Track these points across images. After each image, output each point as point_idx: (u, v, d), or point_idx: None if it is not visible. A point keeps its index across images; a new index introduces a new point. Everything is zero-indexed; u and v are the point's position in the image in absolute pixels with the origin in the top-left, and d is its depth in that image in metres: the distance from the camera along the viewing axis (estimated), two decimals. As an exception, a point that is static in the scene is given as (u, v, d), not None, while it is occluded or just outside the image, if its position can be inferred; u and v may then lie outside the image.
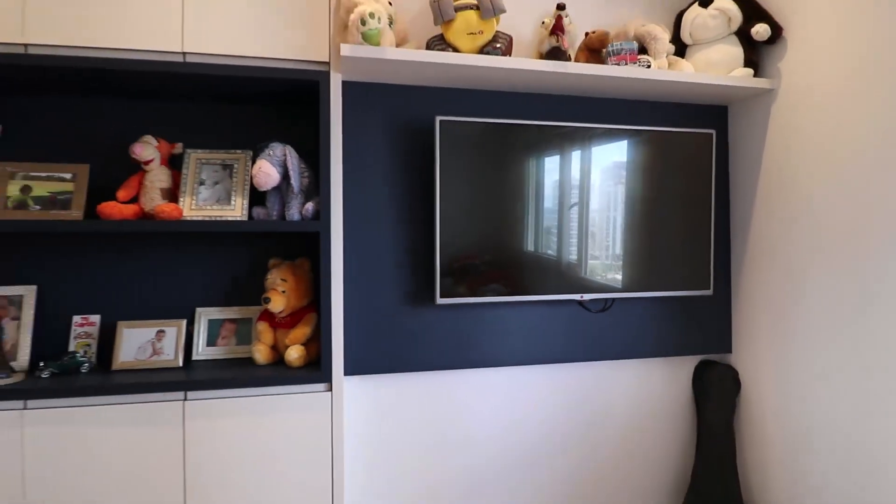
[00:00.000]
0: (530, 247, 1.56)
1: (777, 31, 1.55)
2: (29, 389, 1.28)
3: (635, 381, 1.76)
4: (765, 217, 1.65)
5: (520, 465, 1.66)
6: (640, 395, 1.76)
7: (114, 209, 1.36)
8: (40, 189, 1.40)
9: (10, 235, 1.47)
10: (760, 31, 1.54)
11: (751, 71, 1.58)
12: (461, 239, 1.51)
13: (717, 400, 1.71)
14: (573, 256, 1.59)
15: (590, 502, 1.72)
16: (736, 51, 1.58)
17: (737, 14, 1.56)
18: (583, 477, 1.71)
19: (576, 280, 1.58)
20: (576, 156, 1.58)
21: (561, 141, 1.56)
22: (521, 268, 1.55)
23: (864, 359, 1.33)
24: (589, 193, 1.60)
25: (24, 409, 1.28)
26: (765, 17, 1.57)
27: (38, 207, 1.39)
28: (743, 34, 1.58)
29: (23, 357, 1.42)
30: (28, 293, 1.47)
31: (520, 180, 1.55)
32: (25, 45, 1.29)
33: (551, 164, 1.57)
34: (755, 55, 1.60)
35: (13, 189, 1.39)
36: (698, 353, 1.78)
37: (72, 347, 1.48)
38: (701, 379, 1.77)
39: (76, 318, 1.50)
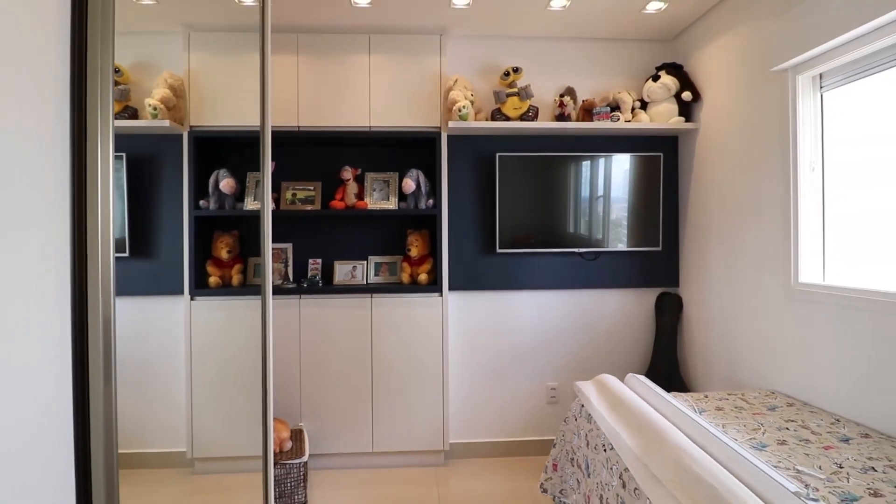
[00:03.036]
0: (549, 223, 2.77)
1: (697, 96, 2.65)
2: (299, 290, 2.71)
3: (618, 302, 2.92)
4: (695, 203, 2.74)
5: (544, 344, 2.89)
6: (621, 311, 2.92)
7: (336, 204, 2.74)
8: (300, 194, 2.83)
9: (286, 218, 2.89)
10: (687, 96, 2.64)
11: (683, 118, 2.68)
12: (511, 220, 2.76)
13: (668, 314, 2.83)
14: (575, 228, 2.78)
15: (587, 369, 2.92)
16: (674, 107, 2.69)
17: (673, 86, 2.66)
18: (583, 354, 2.91)
19: (577, 241, 2.78)
20: (577, 171, 2.77)
21: (568, 164, 2.76)
22: (544, 234, 2.77)
23: (733, 285, 2.42)
24: (584, 193, 2.78)
25: (300, 298, 2.71)
26: (691, 87, 2.66)
27: (299, 203, 2.82)
28: (678, 97, 2.68)
29: (290, 277, 2.86)
30: (289, 247, 2.91)
31: (542, 188, 2.76)
32: (298, 126, 2.70)
33: (562, 178, 2.76)
34: (686, 109, 2.69)
35: (288, 194, 2.82)
36: (659, 286, 2.91)
37: (309, 274, 2.90)
38: (660, 302, 2.89)
39: (310, 259, 2.91)
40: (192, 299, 2.64)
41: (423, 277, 2.74)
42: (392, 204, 2.79)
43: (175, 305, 2.75)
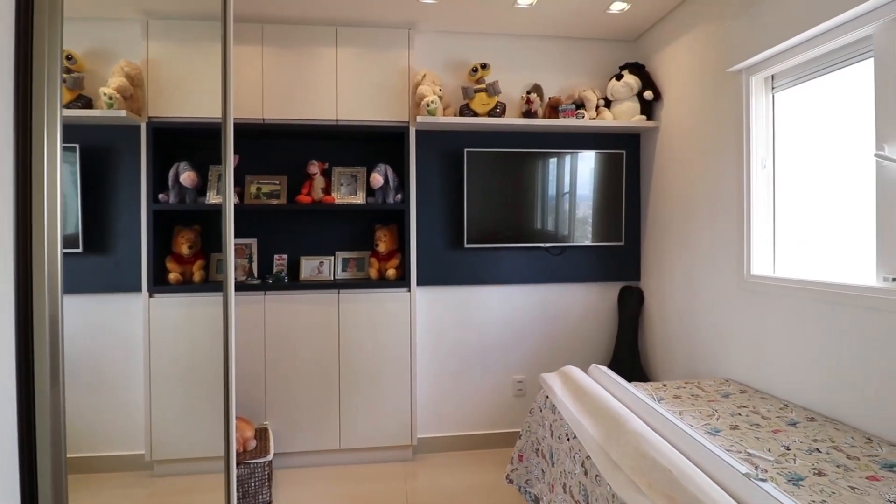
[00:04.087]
0: (516, 218, 2.81)
1: (658, 95, 2.72)
2: (264, 286, 2.65)
3: (583, 295, 2.99)
4: (655, 199, 2.83)
5: (511, 338, 2.93)
6: (585, 304, 2.99)
7: (302, 198, 2.70)
8: (265, 188, 2.77)
9: (250, 212, 2.82)
10: (649, 95, 2.71)
11: (644, 117, 2.75)
12: (479, 215, 2.77)
13: (630, 307, 2.91)
14: (540, 225, 2.82)
15: (553, 361, 2.97)
16: (636, 105, 2.76)
17: (636, 85, 2.73)
18: (549, 347, 2.97)
19: (544, 236, 2.82)
20: (544, 168, 2.81)
21: (535, 160, 2.79)
22: (512, 230, 2.80)
23: (690, 278, 2.51)
24: (551, 188, 2.82)
25: (265, 294, 2.65)
26: (652, 86, 2.73)
27: (264, 198, 2.76)
28: (640, 96, 2.75)
29: (255, 273, 2.80)
30: (253, 242, 2.84)
31: (510, 183, 2.79)
32: (263, 119, 2.64)
33: (529, 174, 2.80)
34: (647, 108, 2.77)
35: (253, 188, 2.76)
36: (621, 280, 2.99)
37: (274, 270, 2.84)
38: (623, 295, 2.97)
39: (276, 255, 2.86)
40: (150, 296, 2.55)
41: (391, 273, 2.73)
42: (360, 199, 2.77)
43: (132, 303, 2.66)
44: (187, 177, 2.53)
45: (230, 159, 1.73)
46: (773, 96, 2.09)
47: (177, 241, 2.65)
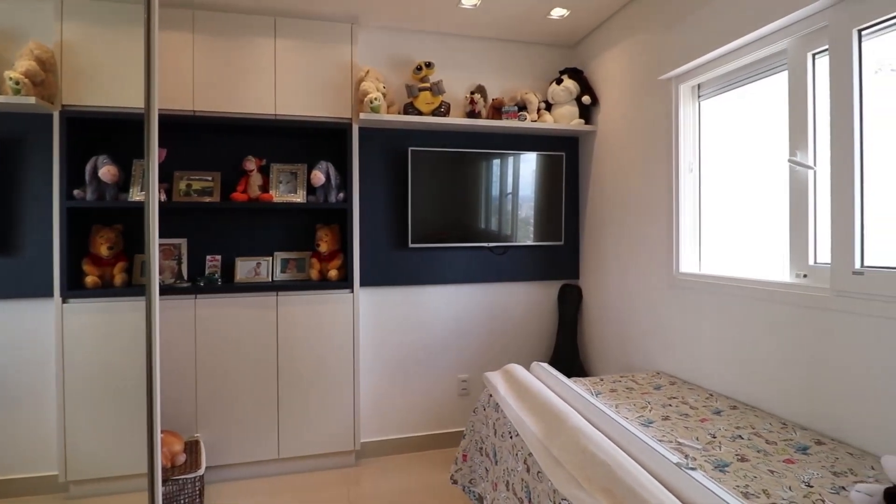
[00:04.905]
0: (460, 218, 2.81)
1: (595, 100, 2.82)
2: (195, 289, 2.50)
3: (524, 293, 3.04)
4: (592, 200, 2.93)
5: (455, 337, 2.93)
6: (527, 301, 3.05)
7: (237, 196, 2.57)
8: (196, 185, 2.61)
9: (180, 210, 2.65)
10: (587, 99, 2.80)
11: (583, 121, 2.84)
12: (423, 215, 2.75)
13: (570, 304, 3.00)
14: (484, 225, 2.85)
15: (496, 359, 3.00)
16: (575, 109, 2.84)
17: (574, 89, 2.81)
18: (493, 346, 3.00)
19: (487, 236, 2.85)
20: (487, 168, 2.83)
21: (479, 160, 2.81)
22: (456, 229, 2.80)
23: (625, 276, 2.61)
24: (494, 188, 2.85)
25: (195, 298, 2.50)
26: (590, 91, 2.83)
27: (195, 195, 2.60)
28: (578, 100, 2.84)
29: (184, 275, 2.63)
30: (183, 242, 2.67)
31: (454, 183, 2.79)
32: (194, 111, 2.49)
33: (472, 174, 2.81)
34: (585, 112, 2.87)
35: (182, 185, 2.59)
36: (561, 279, 3.07)
37: (207, 272, 2.68)
38: (563, 293, 3.06)
39: (208, 256, 2.70)
40: (64, 302, 2.33)
41: (333, 273, 2.65)
42: (300, 197, 2.67)
43: (43, 309, 2.42)
44: (107, 171, 2.34)
45: (154, 153, 1.61)
46: (700, 104, 2.22)
47: (95, 241, 2.44)
